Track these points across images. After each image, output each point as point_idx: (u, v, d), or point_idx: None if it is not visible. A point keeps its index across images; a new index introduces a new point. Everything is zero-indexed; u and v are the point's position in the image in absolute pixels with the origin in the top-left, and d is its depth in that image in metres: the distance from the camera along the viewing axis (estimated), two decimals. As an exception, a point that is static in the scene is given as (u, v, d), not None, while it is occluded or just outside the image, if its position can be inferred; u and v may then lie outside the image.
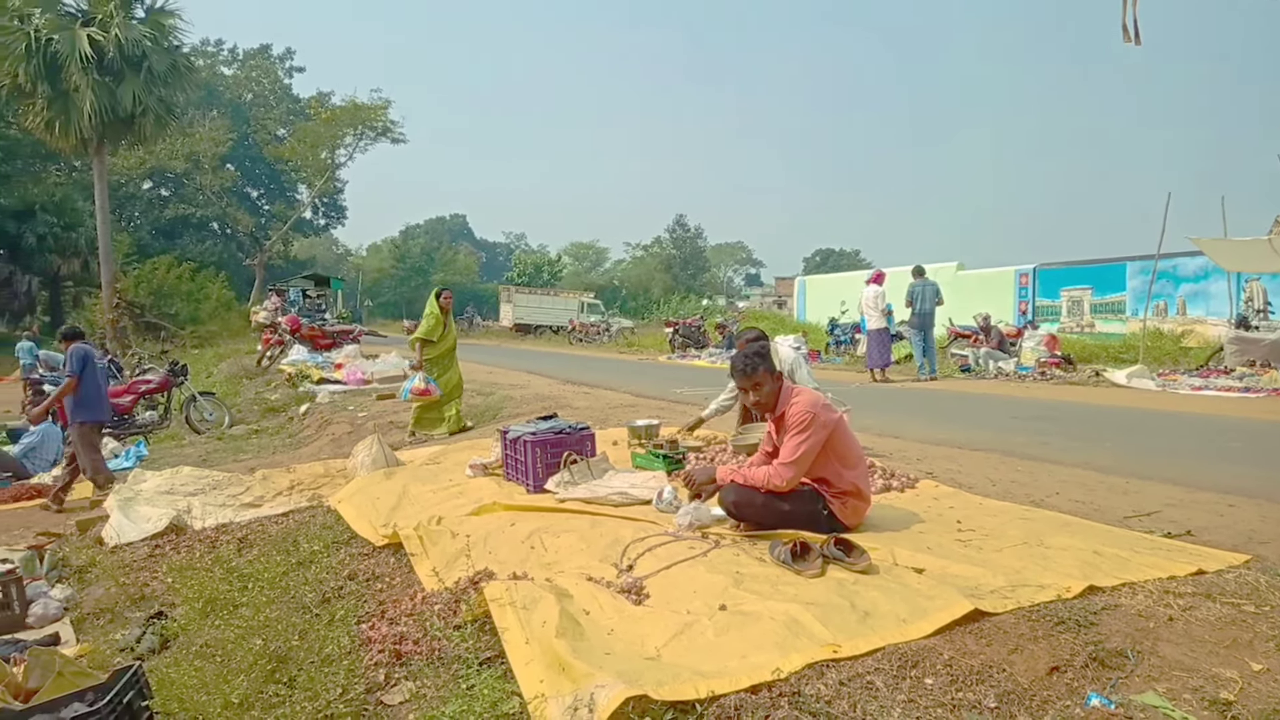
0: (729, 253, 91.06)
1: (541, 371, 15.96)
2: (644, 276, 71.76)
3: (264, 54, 53.04)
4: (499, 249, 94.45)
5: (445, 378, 9.34)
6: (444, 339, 9.37)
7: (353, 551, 4.89)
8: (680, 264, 72.72)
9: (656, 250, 76.80)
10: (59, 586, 5.59)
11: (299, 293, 28.39)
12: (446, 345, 9.42)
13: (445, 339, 9.40)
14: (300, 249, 58.09)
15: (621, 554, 3.72)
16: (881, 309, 13.77)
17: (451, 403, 9.42)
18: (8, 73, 20.08)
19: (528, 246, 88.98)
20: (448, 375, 9.40)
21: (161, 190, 46.79)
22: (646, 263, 76.08)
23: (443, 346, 9.37)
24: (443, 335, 9.35)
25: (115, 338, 21.36)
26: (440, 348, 9.34)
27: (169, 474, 6.92)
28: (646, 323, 38.51)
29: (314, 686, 3.19)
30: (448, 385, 9.35)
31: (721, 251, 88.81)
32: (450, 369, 9.47)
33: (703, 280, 73.33)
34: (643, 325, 36.96)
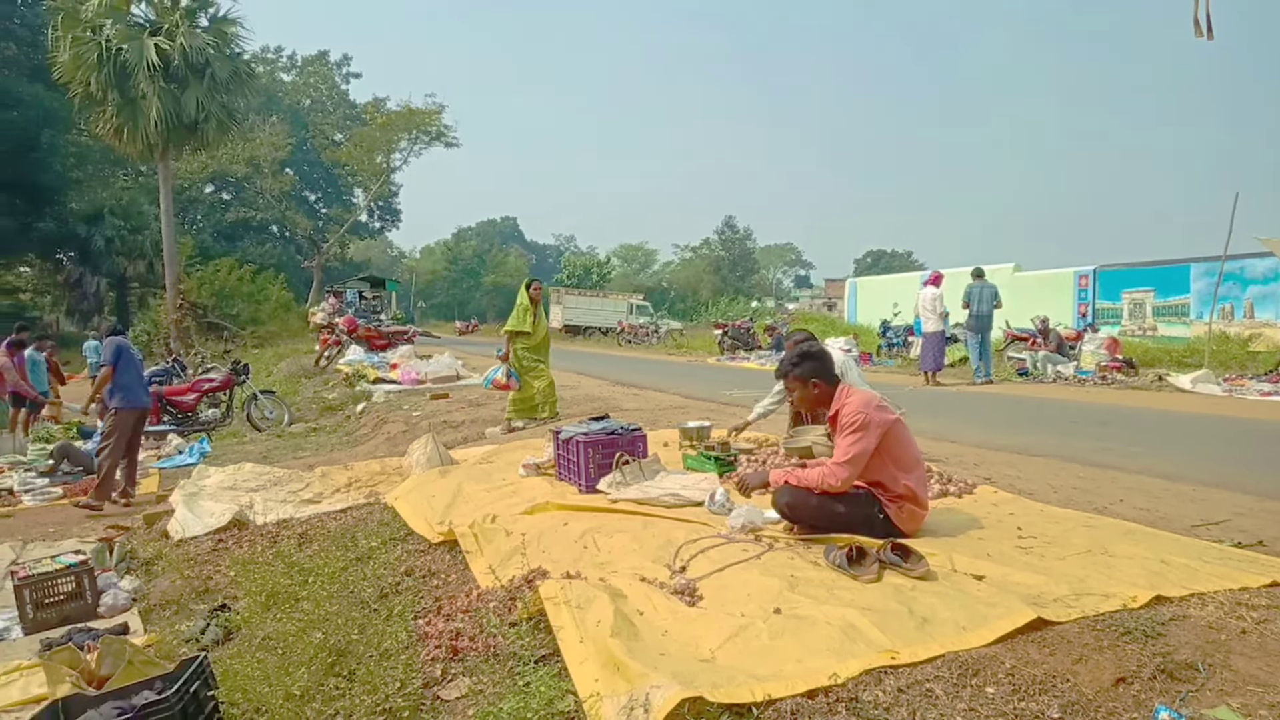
0: (778, 254, 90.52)
1: (591, 372, 16.04)
2: (692, 278, 71.71)
3: (322, 60, 54.28)
4: (549, 251, 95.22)
5: (538, 374, 9.32)
6: (537, 329, 9.37)
7: (409, 548, 4.97)
8: (729, 265, 72.51)
9: (705, 252, 76.68)
10: (127, 578, 5.79)
11: (355, 294, 28.93)
12: (540, 335, 9.42)
13: (538, 329, 9.39)
14: (356, 251, 59.26)
15: (674, 555, 3.72)
16: (939, 311, 13.55)
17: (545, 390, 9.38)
18: (81, 81, 20.82)
19: (577, 248, 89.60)
20: (542, 373, 9.38)
21: (223, 194, 48.16)
22: (695, 264, 76.01)
23: (537, 337, 9.37)
24: (535, 326, 9.34)
25: (179, 337, 22.01)
26: (535, 338, 9.33)
27: (231, 470, 7.12)
28: (695, 325, 38.47)
29: (373, 680, 3.25)
30: (543, 383, 9.33)
31: (770, 253, 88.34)
32: (546, 359, 9.46)
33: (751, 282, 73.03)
34: (691, 327, 36.92)
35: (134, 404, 8.55)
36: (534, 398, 9.29)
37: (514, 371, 9.13)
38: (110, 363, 8.39)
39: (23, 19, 33.41)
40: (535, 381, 9.28)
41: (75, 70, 20.69)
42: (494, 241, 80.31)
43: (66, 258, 36.43)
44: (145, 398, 8.83)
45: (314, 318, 22.03)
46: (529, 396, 9.27)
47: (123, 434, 8.49)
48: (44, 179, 33.36)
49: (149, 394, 9.00)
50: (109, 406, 8.47)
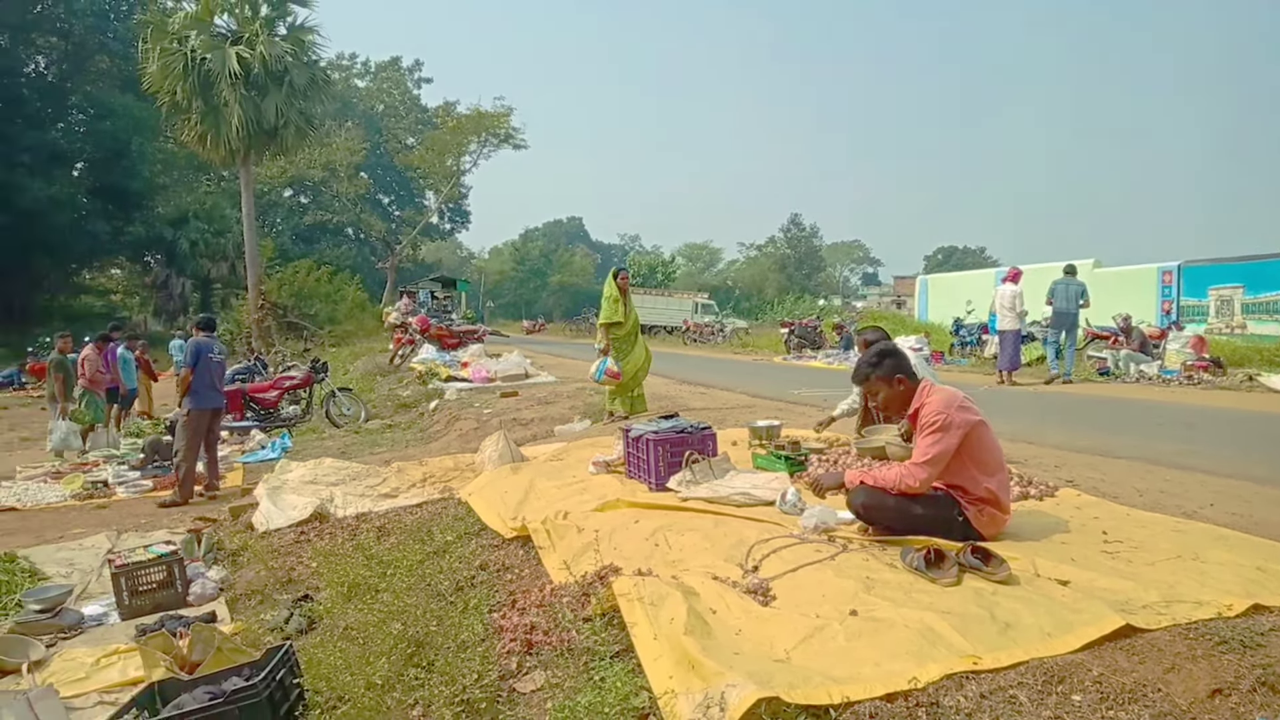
0: (845, 251, 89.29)
1: (657, 371, 16.00)
2: (758, 277, 71.27)
3: (394, 66, 55.58)
4: (614, 250, 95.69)
5: (631, 358, 9.27)
6: (628, 318, 9.32)
7: (483, 543, 5.05)
8: (795, 264, 71.84)
9: (771, 250, 76.12)
10: (215, 568, 6.03)
11: (428, 294, 29.55)
12: (631, 324, 9.38)
13: (629, 318, 9.34)
14: (428, 252, 60.53)
15: (746, 554, 3.71)
16: (1018, 310, 13.20)
17: (637, 383, 9.37)
18: (168, 91, 21.73)
19: (642, 248, 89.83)
20: (634, 355, 9.32)
21: (301, 198, 49.71)
22: (760, 263, 75.52)
23: (628, 325, 9.33)
24: (626, 315, 9.29)
25: (260, 336, 22.79)
26: (626, 327, 9.29)
27: (312, 465, 7.35)
28: (760, 323, 38.18)
29: (451, 671, 3.32)
30: (634, 365, 9.28)
31: (838, 250, 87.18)
32: (636, 349, 9.39)
33: (818, 280, 72.22)
34: (757, 326, 36.65)
35: (205, 405, 8.89)
36: (629, 387, 9.27)
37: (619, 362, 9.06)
38: (190, 365, 8.73)
39: (115, 33, 35.00)
40: (626, 368, 9.24)
41: (163, 80, 21.59)
42: (560, 242, 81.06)
43: (154, 260, 38.09)
44: (217, 399, 9.17)
45: (388, 317, 22.57)
46: (627, 385, 9.24)
47: (197, 433, 8.83)
48: (134, 185, 34.94)
49: (221, 394, 9.34)
50: (187, 408, 8.82)
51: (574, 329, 41.39)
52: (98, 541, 7.17)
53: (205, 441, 9.04)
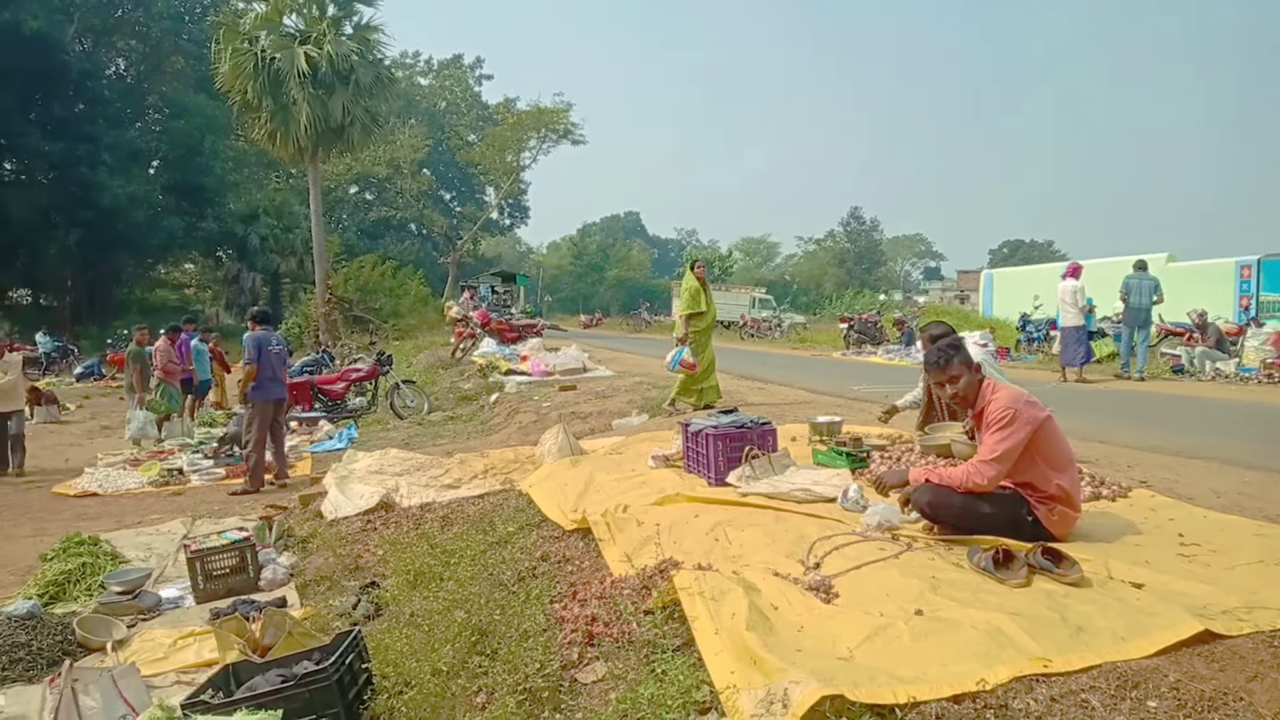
0: (907, 245, 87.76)
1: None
2: (816, 271, 70.50)
3: (456, 64, 56.34)
4: (670, 245, 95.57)
5: (708, 351, 9.29)
6: (709, 309, 9.33)
7: (544, 534, 5.11)
8: (854, 258, 70.86)
9: (829, 244, 75.21)
10: (285, 554, 6.22)
11: (488, 289, 29.92)
12: (710, 318, 9.39)
13: (710, 309, 9.35)
14: (487, 247, 61.26)
15: (808, 551, 3.68)
16: (1081, 305, 12.85)
17: (709, 375, 9.33)
18: (239, 90, 22.34)
19: (699, 242, 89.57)
20: (709, 349, 9.33)
21: (366, 194, 50.75)
22: (819, 257, 74.68)
23: (709, 317, 9.34)
24: (707, 305, 9.30)
25: (328, 330, 23.34)
26: (706, 319, 9.30)
27: (378, 455, 7.52)
28: (818, 318, 37.72)
29: (514, 660, 3.37)
30: (708, 358, 9.27)
31: (899, 244, 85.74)
32: (710, 343, 9.40)
33: (878, 274, 71.13)
34: (815, 321, 36.23)
35: (268, 397, 9.14)
36: (698, 379, 9.20)
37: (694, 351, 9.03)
38: (254, 360, 8.98)
39: (190, 35, 36.17)
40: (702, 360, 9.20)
41: (234, 80, 22.20)
42: (617, 236, 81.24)
43: (226, 255, 39.32)
44: (280, 390, 9.40)
45: (450, 311, 22.91)
46: (696, 378, 9.18)
47: (263, 424, 9.09)
48: (207, 182, 36.11)
49: (283, 385, 9.57)
50: (252, 400, 9.08)
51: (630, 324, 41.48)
52: (174, 527, 7.47)
53: (271, 432, 9.31)
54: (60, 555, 6.24)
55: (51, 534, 7.28)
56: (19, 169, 33.34)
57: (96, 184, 30.99)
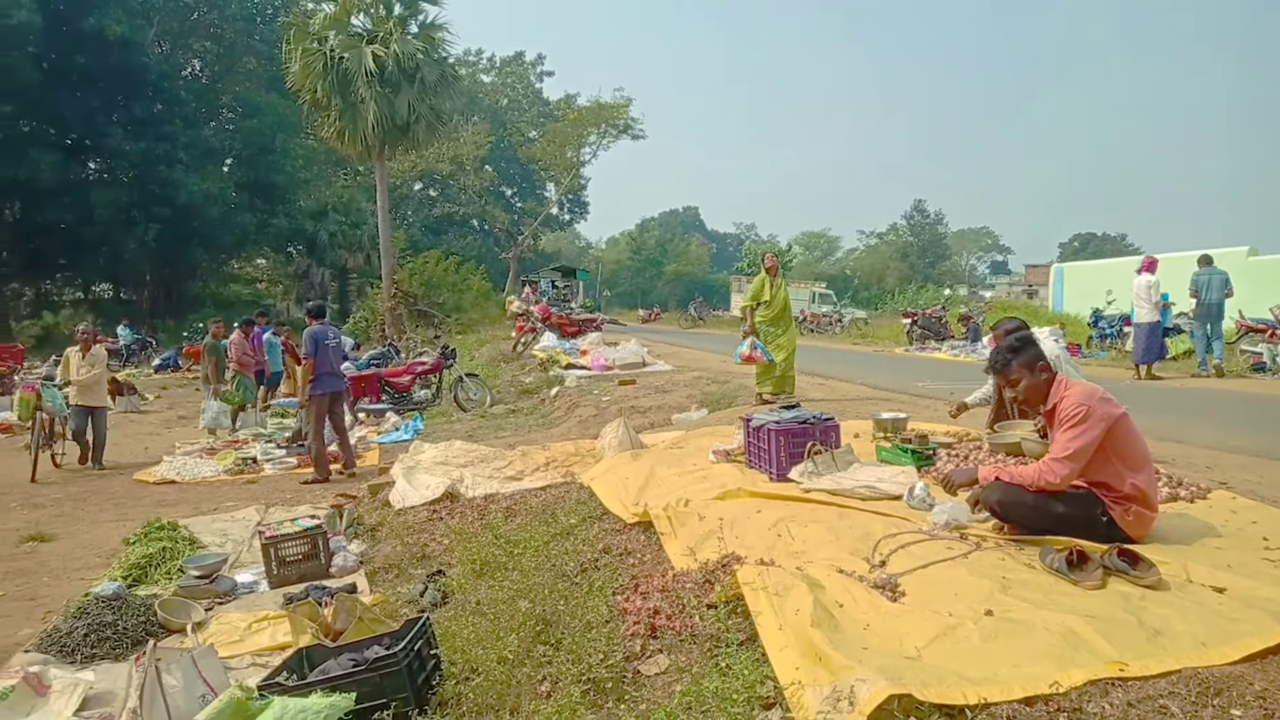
0: (972, 239, 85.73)
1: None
2: (878, 265, 69.43)
3: (518, 61, 56.88)
4: (729, 240, 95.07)
5: (785, 338, 9.29)
6: (775, 300, 9.37)
7: (605, 527, 5.15)
8: (918, 252, 69.59)
9: (892, 238, 73.99)
10: (355, 542, 6.38)
11: (549, 283, 30.18)
12: (779, 306, 9.40)
13: (776, 299, 9.38)
14: (547, 243, 61.81)
15: (873, 549, 3.65)
16: (1155, 300, 12.44)
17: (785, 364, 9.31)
18: (309, 89, 22.93)
19: (758, 237, 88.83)
20: (787, 335, 9.33)
21: (430, 191, 51.66)
22: (881, 251, 73.51)
23: (776, 307, 9.36)
24: (774, 295, 9.35)
25: (393, 324, 23.83)
26: (774, 309, 9.33)
27: (443, 447, 7.66)
28: (880, 313, 37.15)
29: (578, 650, 3.41)
30: (789, 345, 9.29)
31: (964, 238, 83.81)
32: (788, 329, 9.41)
33: (942, 269, 69.69)
34: (876, 316, 35.67)
35: (326, 390, 9.34)
36: (775, 369, 9.19)
37: (760, 344, 9.07)
38: (312, 355, 9.19)
39: (261, 36, 37.25)
40: (777, 354, 9.19)
41: (304, 79, 22.78)
42: (676, 231, 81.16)
43: (296, 251, 40.44)
44: (337, 383, 9.61)
45: (511, 306, 23.19)
46: (772, 368, 9.18)
47: (320, 416, 9.32)
48: (278, 179, 37.17)
49: (341, 378, 9.78)
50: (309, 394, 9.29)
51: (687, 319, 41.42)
52: (248, 514, 7.72)
53: (333, 423, 9.53)
54: (142, 540, 6.50)
55: (133, 519, 7.60)
56: (102, 168, 34.73)
57: (174, 182, 32.13)
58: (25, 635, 5.03)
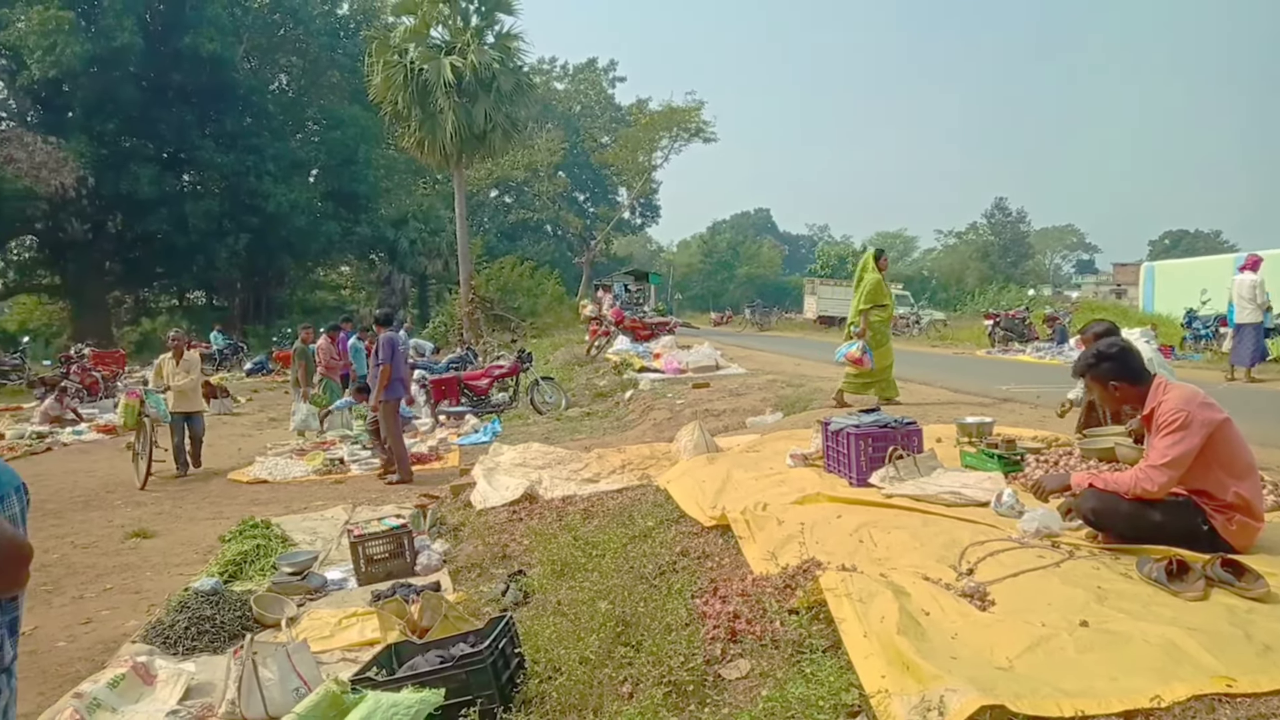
0: (1056, 237, 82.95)
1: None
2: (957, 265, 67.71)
3: (591, 68, 57.43)
4: (801, 241, 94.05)
5: (888, 346, 9.04)
6: (890, 302, 9.12)
7: (682, 530, 5.16)
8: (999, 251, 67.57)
9: (972, 237, 72.05)
10: (438, 541, 6.52)
11: (622, 287, 30.37)
12: (890, 311, 9.17)
13: (890, 304, 9.13)
14: (619, 247, 62.12)
15: (960, 556, 3.57)
16: (1260, 301, 11.83)
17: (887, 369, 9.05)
18: (390, 100, 23.61)
19: (831, 238, 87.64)
20: (889, 344, 9.08)
21: (505, 197, 52.56)
22: (960, 251, 71.68)
23: (890, 310, 9.13)
24: (889, 298, 9.09)
25: (471, 328, 24.32)
26: (888, 311, 9.08)
27: (521, 449, 7.79)
28: (959, 315, 36.20)
29: (658, 652, 3.42)
30: (890, 353, 9.04)
31: (1048, 236, 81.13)
32: (889, 337, 9.16)
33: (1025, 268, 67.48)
34: (955, 318, 34.79)
35: (397, 395, 9.63)
36: (874, 374, 8.88)
37: (868, 349, 8.73)
38: (388, 361, 9.41)
39: (345, 50, 38.45)
40: (885, 359, 8.93)
41: (386, 91, 23.47)
42: (747, 233, 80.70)
43: (378, 258, 41.65)
44: (403, 389, 9.86)
45: (584, 310, 23.40)
46: (871, 373, 8.86)
47: (396, 419, 9.59)
48: (360, 189, 38.33)
49: (405, 385, 9.99)
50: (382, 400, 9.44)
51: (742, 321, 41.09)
52: (336, 513, 7.98)
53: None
54: (237, 537, 6.78)
55: (228, 517, 7.94)
56: (195, 180, 36.39)
57: (263, 192, 33.47)
58: (132, 626, 5.29)
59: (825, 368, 14.68)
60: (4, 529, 1.79)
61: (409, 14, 24.54)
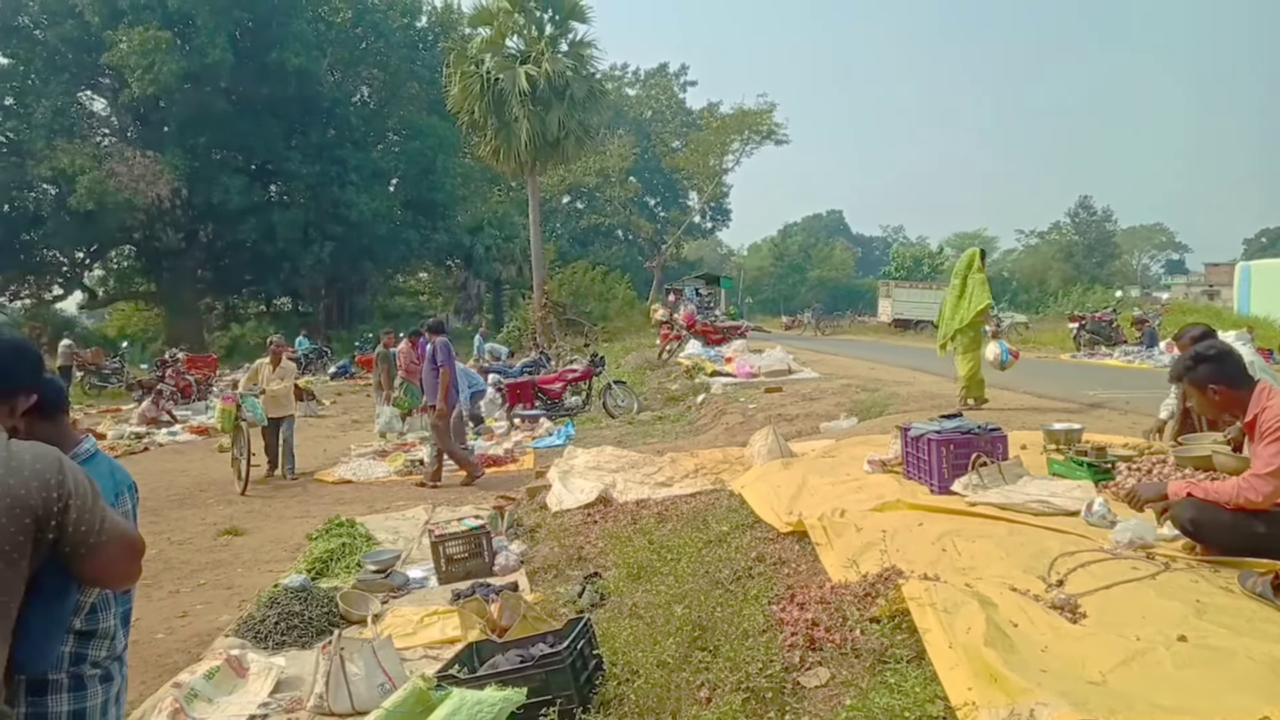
0: (1144, 236, 79.78)
1: (926, 368, 15.34)
2: (1039, 266, 65.74)
3: (662, 73, 57.65)
4: (875, 243, 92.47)
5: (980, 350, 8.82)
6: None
7: (757, 535, 5.14)
8: (1083, 251, 65.31)
9: (1054, 237, 69.84)
10: (515, 542, 6.62)
11: (693, 291, 30.37)
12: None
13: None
14: (689, 251, 62.14)
15: (1048, 567, 3.47)
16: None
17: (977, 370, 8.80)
18: (466, 110, 24.15)
19: (905, 239, 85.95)
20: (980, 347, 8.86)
21: (577, 203, 53.10)
22: (1042, 251, 69.58)
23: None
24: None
25: (544, 332, 24.64)
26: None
27: (595, 452, 7.85)
28: (1041, 317, 35.08)
29: (735, 658, 3.41)
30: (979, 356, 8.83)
31: (1135, 235, 78.09)
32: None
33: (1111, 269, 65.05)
34: (1037, 320, 33.71)
35: (455, 401, 9.76)
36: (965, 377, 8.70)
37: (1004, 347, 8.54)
38: (448, 364, 9.55)
39: (423, 61, 39.43)
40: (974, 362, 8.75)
41: (463, 101, 24.02)
42: (819, 236, 79.68)
43: (454, 264, 42.59)
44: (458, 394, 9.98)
45: (655, 314, 23.46)
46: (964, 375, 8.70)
47: (458, 426, 9.78)
48: (438, 197, 39.25)
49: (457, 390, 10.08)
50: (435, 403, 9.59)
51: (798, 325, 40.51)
52: (417, 513, 8.18)
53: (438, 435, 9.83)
54: (324, 535, 7.00)
55: (315, 516, 8.22)
56: (282, 191, 37.78)
57: (345, 202, 34.57)
58: (225, 620, 5.53)
59: (901, 372, 14.42)
60: (121, 525, 1.90)
61: (485, 25, 25.06)
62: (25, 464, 1.70)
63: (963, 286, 8.80)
